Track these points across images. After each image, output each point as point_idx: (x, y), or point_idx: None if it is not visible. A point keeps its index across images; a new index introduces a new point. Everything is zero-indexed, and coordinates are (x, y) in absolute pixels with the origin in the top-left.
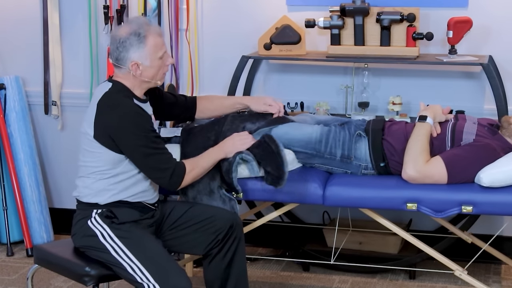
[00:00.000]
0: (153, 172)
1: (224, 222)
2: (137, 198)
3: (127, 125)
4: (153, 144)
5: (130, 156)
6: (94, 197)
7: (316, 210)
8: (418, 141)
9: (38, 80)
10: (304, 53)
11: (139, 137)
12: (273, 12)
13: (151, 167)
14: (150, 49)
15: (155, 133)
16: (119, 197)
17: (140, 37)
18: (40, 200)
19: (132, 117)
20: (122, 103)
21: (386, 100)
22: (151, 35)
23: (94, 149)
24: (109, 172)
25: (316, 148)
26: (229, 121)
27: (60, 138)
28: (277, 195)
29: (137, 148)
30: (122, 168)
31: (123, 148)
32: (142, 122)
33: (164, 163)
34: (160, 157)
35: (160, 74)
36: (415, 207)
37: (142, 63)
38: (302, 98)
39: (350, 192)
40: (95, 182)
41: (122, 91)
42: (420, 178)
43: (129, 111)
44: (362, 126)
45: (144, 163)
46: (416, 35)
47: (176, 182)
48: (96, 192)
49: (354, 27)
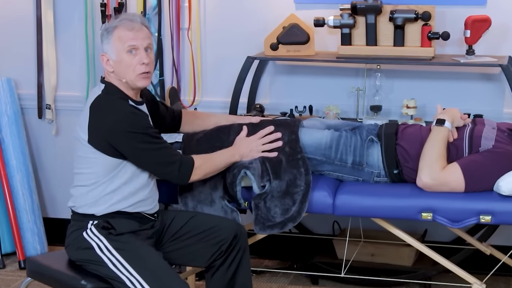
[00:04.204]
0: (160, 168)
1: (228, 232)
2: (135, 208)
3: (123, 127)
4: (154, 140)
5: (132, 158)
6: (90, 207)
7: (325, 220)
8: (435, 146)
9: (31, 82)
10: (313, 53)
11: (138, 136)
12: (280, 10)
13: (157, 163)
14: (114, 41)
15: (154, 129)
16: (117, 207)
17: (109, 29)
18: (34, 209)
19: (127, 118)
20: (115, 105)
21: (400, 103)
22: (119, 28)
23: (89, 155)
24: (105, 179)
25: (326, 154)
26: (236, 129)
27: (54, 144)
28: None
29: (138, 147)
30: (120, 174)
31: (123, 151)
32: (138, 121)
33: (170, 157)
34: (165, 151)
35: (134, 73)
36: (431, 216)
37: (110, 57)
38: (310, 102)
39: (361, 201)
40: (91, 191)
41: (115, 93)
42: (436, 185)
43: (124, 113)
44: (374, 131)
45: (148, 161)
46: (431, 34)
47: (185, 173)
48: (92, 202)
49: (366, 26)
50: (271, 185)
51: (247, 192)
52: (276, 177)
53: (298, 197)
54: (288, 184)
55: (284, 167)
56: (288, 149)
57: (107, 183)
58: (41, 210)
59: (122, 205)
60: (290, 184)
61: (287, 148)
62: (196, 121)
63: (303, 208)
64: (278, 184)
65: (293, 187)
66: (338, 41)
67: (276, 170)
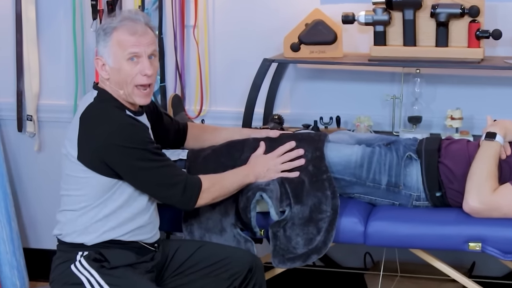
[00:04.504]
0: (162, 190)
1: (242, 265)
2: (132, 237)
3: (118, 141)
4: (155, 157)
5: (129, 178)
6: (80, 235)
7: (356, 251)
8: (484, 164)
9: (10, 90)
10: (341, 55)
11: (136, 152)
12: (303, 4)
13: (158, 184)
14: (113, 45)
15: (155, 144)
16: (111, 235)
17: (107, 29)
18: (12, 238)
19: (123, 130)
20: (109, 115)
21: (443, 114)
22: (119, 30)
23: (78, 174)
24: (97, 202)
25: (356, 174)
26: (252, 145)
27: (37, 161)
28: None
29: (136, 165)
30: (114, 197)
31: (119, 169)
32: (136, 133)
33: (173, 177)
34: (167, 170)
35: (131, 85)
36: (479, 247)
37: (106, 62)
38: (338, 112)
39: (398, 228)
40: (81, 216)
41: (110, 100)
42: (485, 210)
43: (119, 124)
44: (413, 147)
45: (148, 181)
46: (480, 33)
47: (191, 198)
48: (82, 229)
49: (403, 23)
50: (292, 210)
51: (263, 219)
52: (298, 201)
53: (324, 225)
54: (311, 210)
55: (307, 190)
56: (312, 168)
57: (100, 207)
58: (21, 239)
59: (117, 233)
60: (314, 209)
61: (310, 167)
62: (204, 135)
63: (329, 237)
64: (300, 209)
65: (317, 213)
66: (371, 41)
67: (297, 193)
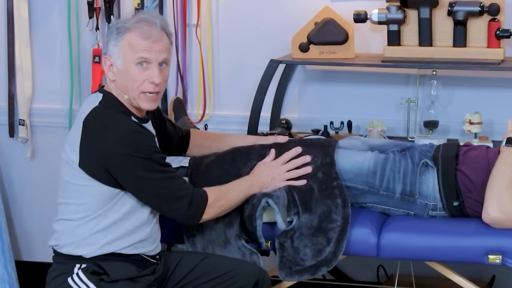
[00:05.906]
0: (166, 203)
1: (247, 278)
2: (133, 249)
3: (123, 149)
4: (160, 167)
5: (132, 188)
6: (78, 247)
7: (368, 263)
8: (505, 172)
9: (1, 93)
10: (353, 56)
11: (141, 161)
12: (312, 2)
13: (163, 197)
14: (124, 46)
15: (161, 154)
16: (111, 248)
17: (120, 29)
18: (4, 250)
19: (129, 138)
20: (114, 121)
21: (461, 118)
22: (133, 32)
23: (79, 182)
24: (98, 213)
25: (368, 182)
26: (258, 152)
27: (29, 168)
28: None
29: (141, 176)
30: (116, 208)
31: (122, 179)
32: (143, 142)
33: (179, 190)
34: (172, 182)
35: (137, 90)
36: (500, 259)
37: (115, 63)
38: (349, 116)
39: (413, 240)
40: (79, 227)
41: (115, 105)
42: (506, 221)
43: (125, 131)
44: (429, 153)
45: (152, 193)
46: (500, 32)
47: (196, 213)
48: (80, 240)
49: (418, 21)
50: (300, 219)
51: (269, 229)
52: (306, 209)
53: (334, 235)
54: (321, 219)
55: (316, 198)
56: (322, 175)
57: (100, 218)
58: (13, 251)
59: (117, 246)
60: (324, 218)
61: (320, 174)
62: (207, 142)
63: (339, 248)
64: (308, 218)
65: (327, 222)
66: (384, 41)
67: (306, 201)
